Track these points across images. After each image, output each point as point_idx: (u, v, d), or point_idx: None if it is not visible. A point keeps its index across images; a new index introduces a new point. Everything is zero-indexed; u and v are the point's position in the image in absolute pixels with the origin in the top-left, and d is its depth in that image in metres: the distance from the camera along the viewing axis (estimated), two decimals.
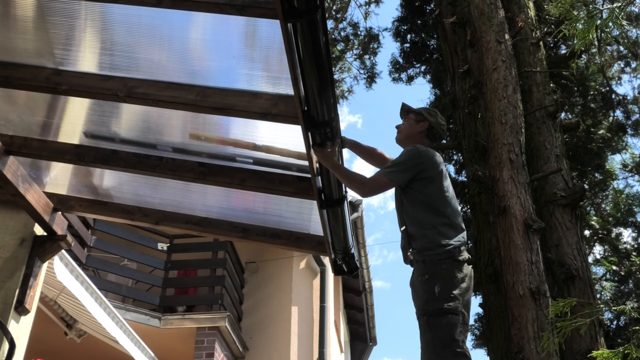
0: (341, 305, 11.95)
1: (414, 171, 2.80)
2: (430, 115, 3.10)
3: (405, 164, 2.82)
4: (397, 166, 2.83)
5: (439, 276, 2.60)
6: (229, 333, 7.91)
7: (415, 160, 2.83)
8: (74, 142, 3.22)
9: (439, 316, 2.53)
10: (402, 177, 2.79)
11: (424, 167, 2.81)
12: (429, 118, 3.08)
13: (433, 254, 2.66)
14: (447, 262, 2.62)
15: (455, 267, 2.61)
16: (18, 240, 3.39)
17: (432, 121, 3.07)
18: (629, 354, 3.23)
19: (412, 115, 3.12)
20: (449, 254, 2.62)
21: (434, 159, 2.87)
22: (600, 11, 4.28)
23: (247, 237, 3.56)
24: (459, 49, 7.91)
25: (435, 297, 2.56)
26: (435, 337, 2.53)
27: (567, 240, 5.85)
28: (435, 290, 2.57)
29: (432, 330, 2.55)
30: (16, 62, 2.75)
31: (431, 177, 2.81)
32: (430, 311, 2.57)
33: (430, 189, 2.80)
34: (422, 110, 3.13)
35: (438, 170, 2.85)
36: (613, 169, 9.82)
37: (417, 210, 2.79)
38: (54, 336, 6.36)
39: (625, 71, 10.90)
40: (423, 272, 2.67)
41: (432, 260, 2.65)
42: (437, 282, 2.58)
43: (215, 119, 2.89)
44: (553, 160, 6.36)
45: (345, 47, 13.70)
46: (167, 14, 2.36)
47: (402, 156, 2.89)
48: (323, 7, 1.87)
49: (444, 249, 2.63)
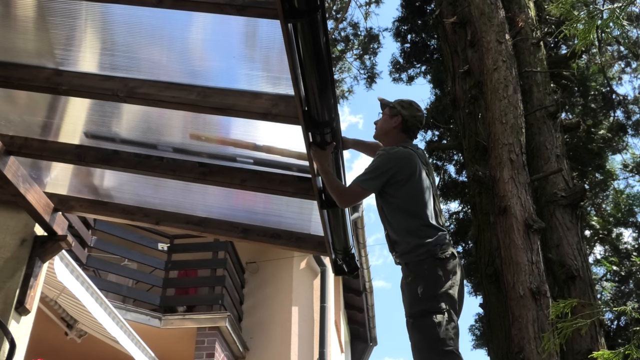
0: (341, 305, 11.95)
1: (385, 177, 2.73)
2: (403, 108, 2.95)
3: (376, 171, 2.75)
4: (368, 174, 2.76)
5: (421, 277, 2.58)
6: (230, 333, 7.90)
7: (386, 165, 2.75)
8: (74, 143, 3.22)
9: (423, 318, 2.51)
10: (374, 184, 2.73)
11: (395, 171, 2.73)
12: (402, 111, 2.93)
13: (413, 255, 2.64)
14: (427, 261, 2.59)
15: (437, 266, 2.57)
16: (19, 241, 3.39)
17: (405, 114, 2.92)
18: (630, 354, 3.23)
19: (387, 109, 3.00)
20: (428, 254, 2.60)
21: (405, 160, 2.77)
22: (600, 11, 4.28)
23: (247, 237, 3.56)
24: (460, 49, 7.91)
25: (418, 298, 2.55)
26: (421, 339, 2.52)
27: (567, 240, 5.84)
28: (418, 291, 2.55)
29: (418, 332, 2.54)
30: (16, 63, 2.75)
31: (404, 179, 2.73)
32: (414, 314, 2.56)
33: (404, 191, 2.73)
34: (395, 103, 2.98)
35: (411, 170, 2.76)
36: (613, 169, 9.82)
37: (394, 215, 2.76)
38: (54, 336, 6.36)
39: (626, 71, 10.91)
40: (406, 274, 2.67)
41: (413, 262, 2.64)
42: (420, 283, 2.57)
43: (216, 119, 2.89)
44: (553, 161, 6.36)
45: (345, 47, 13.71)
46: (167, 14, 2.36)
47: (373, 162, 2.82)
48: (323, 7, 1.87)
49: (424, 249, 2.61)
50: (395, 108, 2.95)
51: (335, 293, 10.75)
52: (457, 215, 11.00)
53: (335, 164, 2.69)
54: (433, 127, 11.09)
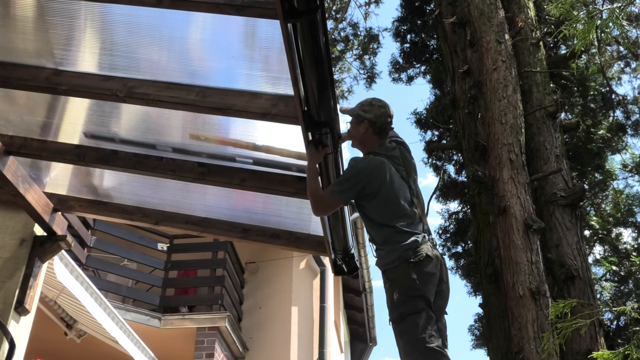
0: (341, 305, 11.95)
1: (355, 190, 2.72)
2: (365, 111, 2.87)
3: (345, 184, 2.73)
4: (338, 185, 2.73)
5: (396, 282, 2.63)
6: (229, 333, 7.90)
7: (355, 179, 2.72)
8: (73, 143, 3.22)
9: (402, 322, 2.56)
10: (345, 196, 2.72)
11: (363, 184, 2.71)
12: (366, 115, 2.85)
13: (388, 262, 2.69)
14: (401, 267, 2.62)
15: (410, 270, 2.59)
16: (18, 241, 3.39)
17: (370, 117, 2.85)
18: (629, 354, 3.23)
19: (352, 119, 2.94)
20: (401, 259, 2.63)
21: (374, 172, 2.73)
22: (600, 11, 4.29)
23: (247, 237, 3.56)
24: (459, 49, 7.91)
25: (395, 304, 2.60)
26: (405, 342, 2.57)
27: (567, 240, 5.84)
28: (394, 297, 2.60)
29: (400, 336, 2.59)
30: (16, 62, 2.75)
31: (374, 191, 2.71)
32: (394, 319, 2.61)
33: (375, 203, 2.72)
34: (357, 109, 2.90)
35: (380, 181, 2.72)
36: (613, 169, 9.82)
37: (369, 225, 2.80)
38: (54, 336, 6.35)
39: (625, 71, 10.91)
40: (384, 281, 2.72)
41: (388, 269, 2.68)
42: (395, 289, 2.62)
43: (215, 119, 2.89)
44: (553, 161, 6.36)
45: (345, 48, 13.71)
46: (166, 14, 2.36)
47: (344, 172, 2.78)
48: (323, 8, 1.87)
49: (396, 255, 2.65)
50: (360, 115, 2.88)
51: (335, 293, 10.75)
52: (456, 215, 11.00)
53: (335, 165, 2.69)
54: (433, 127, 11.10)
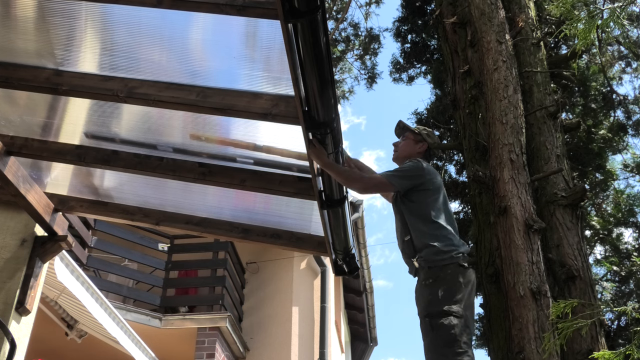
0: (342, 305, 11.95)
1: (415, 181, 2.88)
2: (429, 136, 3.20)
3: (407, 173, 2.91)
4: (399, 172, 2.92)
5: (442, 280, 2.67)
6: (230, 333, 7.91)
7: (418, 172, 2.91)
8: (74, 143, 3.22)
9: (441, 317, 2.58)
10: (403, 183, 2.87)
11: (425, 180, 2.89)
12: (427, 139, 3.18)
13: (439, 259, 2.73)
14: (451, 267, 2.69)
15: (459, 272, 2.68)
16: (19, 241, 3.40)
17: (430, 142, 3.18)
18: (630, 354, 3.23)
19: (411, 134, 3.19)
20: (453, 260, 2.70)
21: (434, 176, 2.96)
22: (601, 11, 4.28)
23: (247, 237, 3.56)
24: (460, 49, 7.90)
25: (438, 299, 2.62)
26: (437, 337, 2.57)
27: (567, 240, 5.83)
28: (438, 293, 2.64)
29: (434, 330, 2.59)
30: (17, 63, 2.75)
31: (432, 190, 2.90)
32: (433, 312, 2.62)
33: (432, 200, 2.87)
34: (421, 130, 3.20)
35: (437, 186, 2.94)
36: (614, 169, 9.81)
37: (420, 221, 2.86)
38: (54, 336, 6.36)
39: (626, 71, 10.89)
40: (427, 276, 2.73)
41: (437, 265, 2.72)
42: (441, 286, 2.65)
43: (216, 120, 2.89)
44: (554, 161, 6.35)
45: (345, 48, 13.70)
46: (167, 14, 2.36)
47: (405, 166, 2.98)
48: (323, 8, 1.87)
49: (449, 255, 2.71)
50: (421, 135, 3.17)
51: (336, 293, 10.75)
52: (457, 216, 11.00)
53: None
54: (433, 127, 11.08)
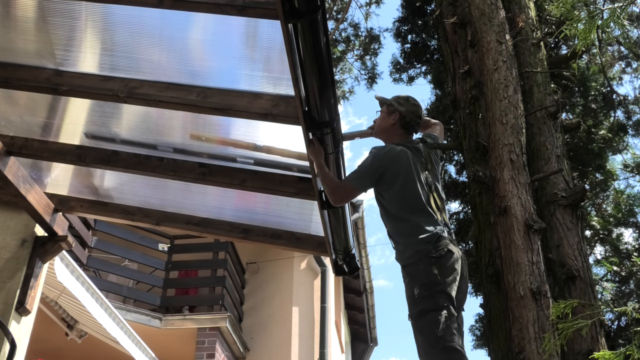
0: (342, 305, 11.94)
1: (374, 175, 2.74)
2: (400, 104, 2.97)
3: (363, 170, 2.77)
4: (357, 172, 2.78)
5: (416, 277, 2.59)
6: (230, 334, 7.90)
7: (375, 164, 2.76)
8: (74, 143, 3.22)
9: (422, 318, 2.51)
10: (363, 182, 2.75)
11: (383, 170, 2.74)
12: (399, 108, 2.95)
13: (406, 257, 2.66)
14: (422, 261, 2.58)
15: (431, 264, 2.55)
16: (19, 241, 3.40)
17: (402, 110, 2.95)
18: (631, 355, 3.23)
19: (385, 107, 3.02)
20: (421, 254, 2.59)
21: (395, 159, 2.76)
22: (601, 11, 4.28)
23: (247, 237, 3.55)
24: (460, 49, 7.90)
25: (415, 300, 2.55)
26: (423, 339, 2.51)
27: (568, 240, 5.83)
28: (414, 292, 2.56)
29: (419, 333, 2.54)
30: (17, 63, 2.75)
31: (392, 178, 2.73)
32: (414, 315, 2.56)
33: (393, 192, 2.73)
34: (392, 100, 3.00)
35: (400, 169, 2.74)
36: (614, 169, 9.81)
37: (387, 217, 2.79)
38: (54, 337, 6.36)
39: (626, 71, 10.89)
40: (404, 276, 2.68)
41: (408, 263, 2.65)
42: (416, 284, 2.57)
43: (216, 120, 2.89)
44: (554, 161, 6.35)
45: (346, 48, 13.70)
46: (167, 14, 2.36)
47: (363, 161, 2.83)
48: (324, 8, 1.87)
49: (415, 249, 2.61)
50: (393, 105, 2.98)
51: (336, 293, 10.75)
52: (457, 216, 10.99)
53: (335, 165, 2.69)
54: None
